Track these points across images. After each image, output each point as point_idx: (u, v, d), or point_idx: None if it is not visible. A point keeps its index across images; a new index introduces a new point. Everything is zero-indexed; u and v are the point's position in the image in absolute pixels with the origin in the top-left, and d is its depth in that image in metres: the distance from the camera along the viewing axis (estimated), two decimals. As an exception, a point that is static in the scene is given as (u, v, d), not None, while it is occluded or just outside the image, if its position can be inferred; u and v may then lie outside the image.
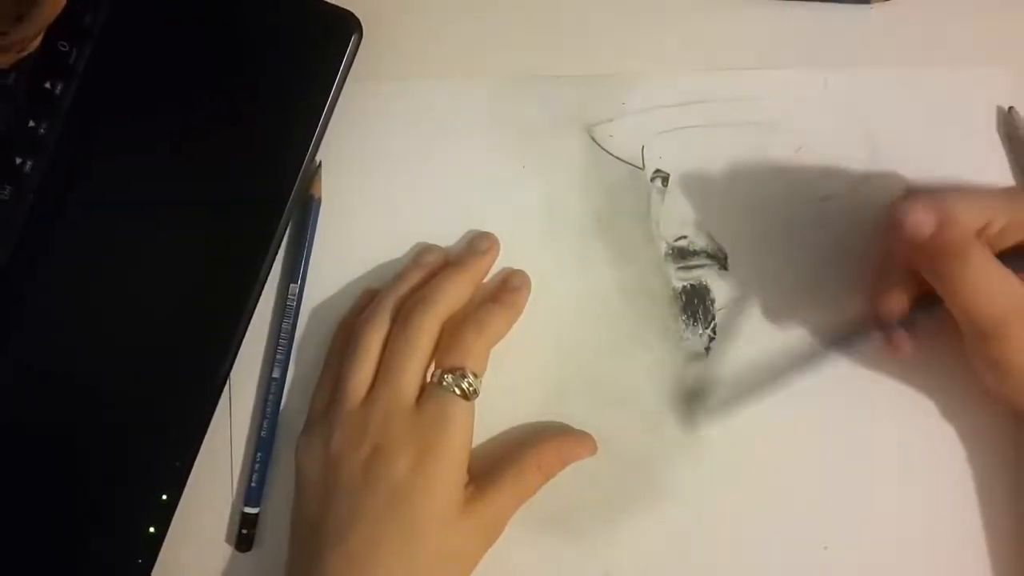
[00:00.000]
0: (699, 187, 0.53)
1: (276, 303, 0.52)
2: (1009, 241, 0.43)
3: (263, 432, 0.51)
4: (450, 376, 0.46)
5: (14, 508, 0.49)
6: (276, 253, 0.50)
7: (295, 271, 0.51)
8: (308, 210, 0.51)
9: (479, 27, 0.53)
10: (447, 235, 0.53)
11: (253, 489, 0.51)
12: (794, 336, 0.51)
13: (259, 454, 0.51)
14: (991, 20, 0.54)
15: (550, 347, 0.52)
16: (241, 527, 0.51)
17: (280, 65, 0.50)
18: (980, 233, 0.43)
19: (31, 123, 0.48)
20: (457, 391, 0.46)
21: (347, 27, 0.50)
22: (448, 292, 0.48)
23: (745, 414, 0.51)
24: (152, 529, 0.49)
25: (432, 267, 0.51)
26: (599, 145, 0.53)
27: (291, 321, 0.51)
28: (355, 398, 0.47)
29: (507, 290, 0.51)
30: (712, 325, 0.52)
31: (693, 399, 0.51)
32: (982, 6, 0.54)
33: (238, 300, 0.49)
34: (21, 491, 0.49)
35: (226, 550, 0.51)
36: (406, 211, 0.53)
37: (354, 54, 0.50)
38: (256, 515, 0.51)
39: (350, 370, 0.48)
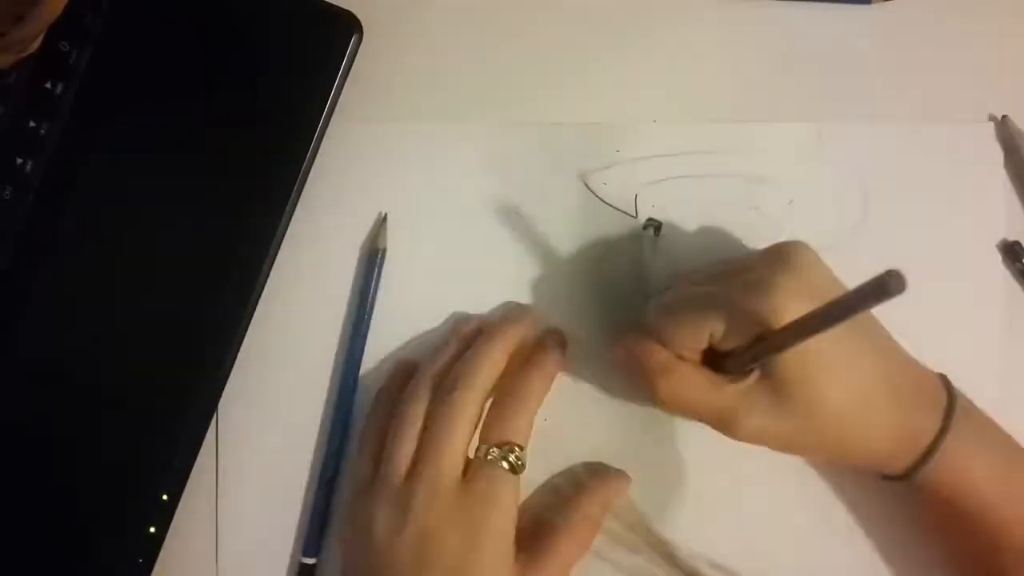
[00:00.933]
0: (691, 237, 0.52)
1: (338, 351, 0.52)
2: (733, 342, 0.44)
3: (324, 481, 0.50)
4: (497, 451, 0.46)
5: (15, 508, 0.49)
6: (276, 253, 0.50)
7: (359, 320, 0.51)
8: (373, 263, 0.51)
9: (476, 71, 0.53)
10: (441, 279, 0.52)
11: (311, 539, 0.50)
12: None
13: (318, 504, 0.50)
14: (987, 23, 0.54)
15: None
16: None
17: (280, 65, 0.50)
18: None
19: (32, 123, 0.48)
20: (506, 465, 0.45)
21: (347, 27, 0.49)
22: (483, 365, 0.47)
23: (739, 473, 0.51)
24: (152, 529, 0.49)
25: (468, 338, 0.50)
26: (593, 192, 0.52)
27: (356, 363, 0.51)
28: (398, 476, 0.46)
29: (543, 350, 0.50)
30: None
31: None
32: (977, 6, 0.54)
33: (238, 299, 0.49)
34: (22, 490, 0.49)
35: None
36: (399, 254, 0.52)
37: (354, 54, 0.50)
38: (314, 566, 0.50)
39: (392, 446, 0.46)
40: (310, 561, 0.50)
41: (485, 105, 0.53)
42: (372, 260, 0.51)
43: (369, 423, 0.50)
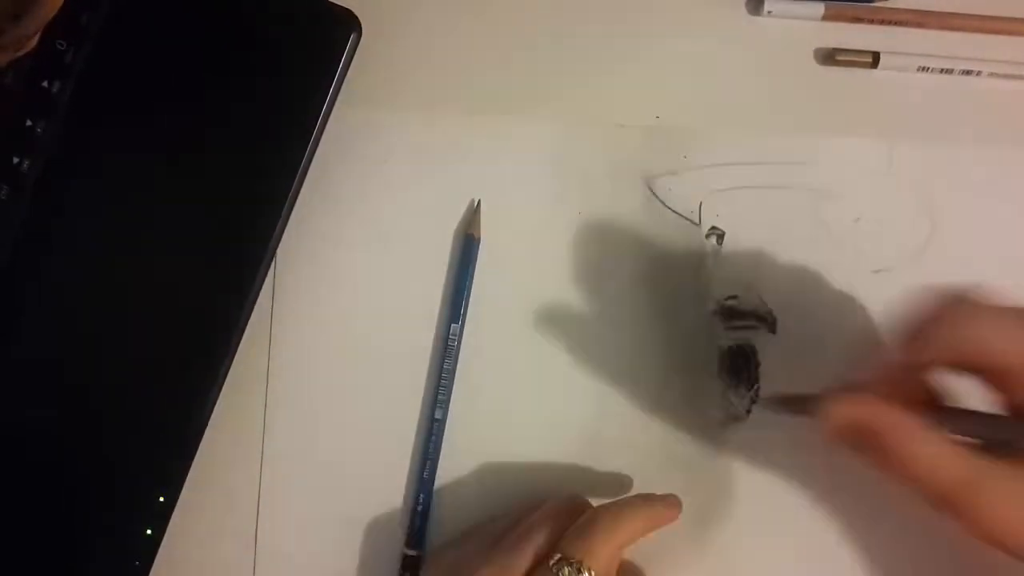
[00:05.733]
0: (753, 248, 0.53)
1: (435, 343, 0.52)
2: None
3: (425, 473, 0.51)
4: (566, 568, 0.43)
5: (11, 508, 0.49)
6: (275, 252, 0.49)
7: (455, 311, 0.51)
8: (468, 250, 0.51)
9: (546, 70, 0.53)
10: (493, 274, 0.52)
11: (416, 531, 0.50)
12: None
13: (421, 496, 0.50)
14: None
15: (589, 396, 0.52)
16: (403, 570, 0.50)
17: (279, 63, 0.49)
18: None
19: (28, 122, 0.48)
20: None
21: (346, 26, 0.49)
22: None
23: (786, 493, 0.51)
24: (149, 531, 0.48)
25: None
26: (657, 197, 0.53)
27: (452, 362, 0.51)
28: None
29: (664, 498, 0.47)
30: (755, 388, 0.51)
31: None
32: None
33: (237, 300, 0.49)
34: (17, 492, 0.49)
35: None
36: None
37: (353, 52, 0.49)
38: (418, 557, 0.50)
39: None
40: (414, 552, 0.50)
41: (551, 103, 0.53)
42: (468, 246, 0.51)
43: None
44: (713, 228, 0.52)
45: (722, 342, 0.51)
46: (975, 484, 0.38)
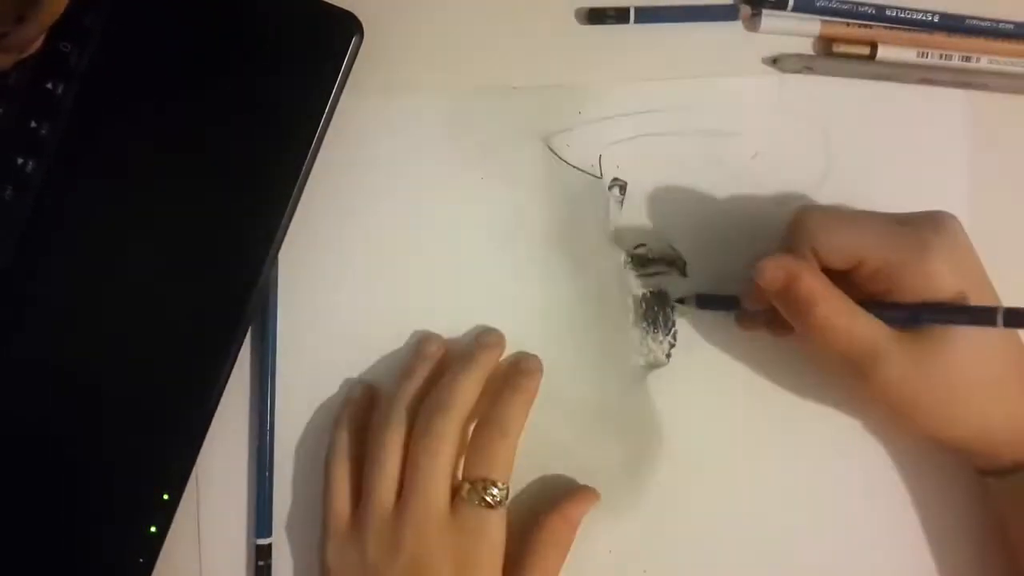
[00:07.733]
0: (657, 195, 0.53)
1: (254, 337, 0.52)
2: (882, 284, 0.44)
3: (260, 459, 0.52)
4: (479, 487, 0.46)
5: (15, 507, 0.49)
6: (277, 254, 0.50)
7: (266, 310, 0.52)
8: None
9: (440, 39, 0.54)
10: (405, 248, 0.53)
11: (261, 520, 0.52)
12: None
13: (260, 484, 0.52)
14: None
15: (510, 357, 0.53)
16: (257, 559, 0.52)
17: (280, 66, 0.49)
18: (850, 272, 0.45)
19: (33, 123, 0.48)
20: (485, 503, 0.46)
21: (348, 28, 0.49)
22: (463, 392, 0.48)
23: (715, 429, 0.53)
24: (153, 528, 0.49)
25: (436, 357, 0.51)
26: (556, 155, 0.53)
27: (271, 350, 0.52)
28: (385, 506, 0.47)
29: (522, 374, 0.50)
30: (672, 331, 0.53)
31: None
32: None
33: (239, 299, 0.49)
34: (22, 490, 0.49)
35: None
36: (365, 222, 0.53)
37: (355, 55, 0.49)
38: (269, 546, 0.52)
39: (375, 477, 0.47)
40: (266, 542, 0.52)
41: (445, 73, 0.53)
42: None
43: (337, 455, 0.50)
44: (615, 179, 0.53)
45: (636, 290, 0.53)
46: (882, 348, 0.43)
